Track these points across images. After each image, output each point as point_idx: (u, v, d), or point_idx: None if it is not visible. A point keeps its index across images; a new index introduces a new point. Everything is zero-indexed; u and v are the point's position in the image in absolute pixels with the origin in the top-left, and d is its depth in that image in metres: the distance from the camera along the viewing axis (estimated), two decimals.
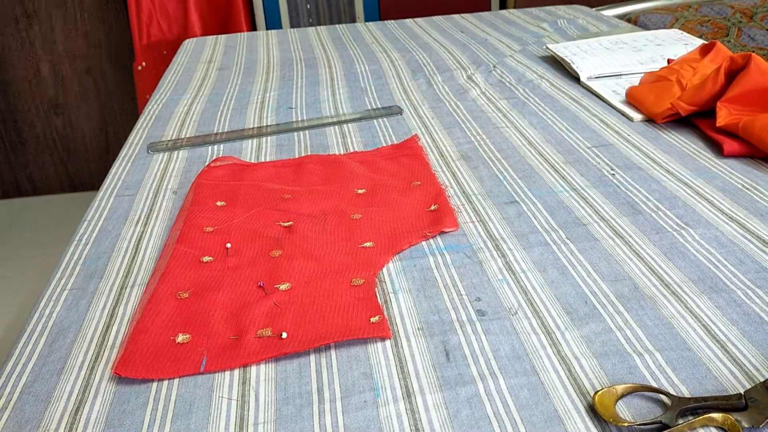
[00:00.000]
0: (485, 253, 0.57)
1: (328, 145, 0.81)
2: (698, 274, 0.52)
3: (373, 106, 0.93)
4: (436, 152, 0.78)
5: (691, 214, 0.61)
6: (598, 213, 0.62)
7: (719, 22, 1.63)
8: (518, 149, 0.77)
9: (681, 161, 0.71)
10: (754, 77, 0.73)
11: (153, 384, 0.45)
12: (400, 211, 0.64)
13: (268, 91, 1.03)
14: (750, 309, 0.48)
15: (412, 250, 0.58)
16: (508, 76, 1.03)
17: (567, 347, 0.46)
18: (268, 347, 0.47)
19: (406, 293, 0.52)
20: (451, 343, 0.47)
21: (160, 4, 2.31)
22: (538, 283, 0.53)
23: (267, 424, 0.41)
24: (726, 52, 0.88)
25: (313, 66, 1.15)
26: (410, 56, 1.17)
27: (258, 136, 0.85)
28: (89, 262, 0.60)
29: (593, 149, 0.75)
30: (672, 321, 0.47)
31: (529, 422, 0.40)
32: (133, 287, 0.55)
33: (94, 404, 0.43)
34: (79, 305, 0.54)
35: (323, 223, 0.62)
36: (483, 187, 0.68)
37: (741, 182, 0.65)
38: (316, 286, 0.53)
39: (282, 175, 0.73)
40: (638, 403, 0.41)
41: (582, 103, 0.89)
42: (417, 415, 0.41)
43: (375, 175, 0.71)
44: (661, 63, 0.98)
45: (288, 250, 0.58)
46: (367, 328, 0.48)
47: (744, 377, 0.42)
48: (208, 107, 0.97)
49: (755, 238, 0.56)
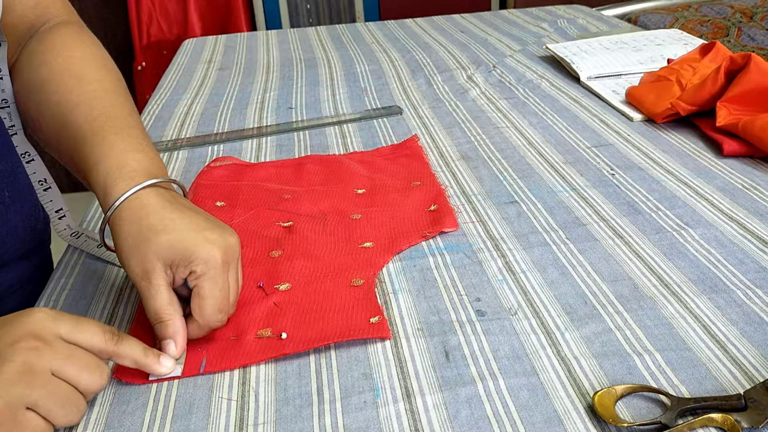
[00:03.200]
0: (485, 254, 0.57)
1: (327, 145, 0.81)
2: (698, 274, 0.52)
3: (373, 106, 0.93)
4: (435, 152, 0.78)
5: (691, 214, 0.61)
6: (598, 213, 0.62)
7: (719, 22, 1.63)
8: (518, 149, 0.77)
9: (681, 161, 0.71)
10: (754, 77, 0.73)
11: (153, 385, 0.45)
12: (400, 212, 0.63)
13: (268, 91, 1.03)
14: (750, 309, 0.48)
15: (411, 250, 0.58)
16: (508, 76, 1.03)
17: (567, 347, 0.46)
18: (268, 348, 0.47)
19: (406, 293, 0.52)
20: (451, 344, 0.47)
21: (160, 4, 2.31)
22: (537, 284, 0.53)
23: (267, 425, 0.41)
24: (726, 52, 0.88)
25: (313, 66, 1.15)
26: (410, 56, 1.17)
27: (258, 136, 0.85)
28: (89, 262, 0.60)
29: (593, 149, 0.75)
30: (672, 321, 0.47)
31: (529, 423, 0.40)
32: (133, 288, 0.55)
33: (94, 405, 0.43)
34: (79, 305, 0.54)
35: (323, 223, 0.62)
36: (483, 187, 0.68)
37: (741, 182, 0.65)
38: (315, 286, 0.53)
39: (282, 175, 0.73)
40: (638, 403, 0.41)
41: (582, 103, 0.89)
42: (417, 416, 0.41)
43: (375, 175, 0.71)
44: (661, 63, 0.98)
45: (288, 251, 0.58)
46: (366, 328, 0.48)
47: (744, 377, 0.42)
48: (208, 107, 0.97)
49: (755, 238, 0.56)
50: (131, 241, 0.46)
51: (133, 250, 0.46)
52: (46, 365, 0.39)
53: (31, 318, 0.40)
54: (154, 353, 0.44)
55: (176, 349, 0.45)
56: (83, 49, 0.57)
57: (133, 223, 0.46)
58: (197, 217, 0.48)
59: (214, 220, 0.49)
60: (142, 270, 0.45)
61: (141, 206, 0.46)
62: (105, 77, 0.55)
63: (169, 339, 0.45)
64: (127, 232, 0.46)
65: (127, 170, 0.48)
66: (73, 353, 0.40)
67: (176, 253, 0.45)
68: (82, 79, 0.54)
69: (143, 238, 0.45)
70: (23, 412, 0.38)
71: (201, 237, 0.46)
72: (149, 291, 0.45)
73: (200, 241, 0.45)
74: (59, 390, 0.39)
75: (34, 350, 0.39)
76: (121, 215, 0.46)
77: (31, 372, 0.38)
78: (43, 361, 0.39)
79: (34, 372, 0.38)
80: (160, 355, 0.44)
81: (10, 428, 0.37)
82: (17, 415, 0.37)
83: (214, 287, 0.46)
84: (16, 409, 0.37)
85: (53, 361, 0.39)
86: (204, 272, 0.45)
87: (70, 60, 0.55)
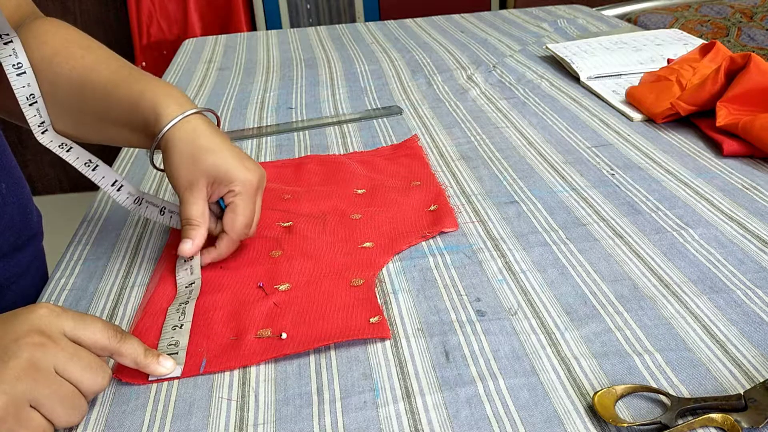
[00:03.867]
0: (485, 254, 0.57)
1: (327, 145, 0.81)
2: (698, 274, 0.52)
3: (373, 106, 0.93)
4: (435, 152, 0.78)
5: (691, 214, 0.61)
6: (598, 213, 0.62)
7: (719, 22, 1.63)
8: (518, 149, 0.77)
9: (681, 161, 0.71)
10: (754, 77, 0.73)
11: (153, 385, 0.45)
12: (399, 212, 0.63)
13: (268, 91, 1.03)
14: (750, 309, 0.48)
15: (411, 250, 0.58)
16: (508, 76, 1.03)
17: (567, 347, 0.46)
18: (268, 348, 0.47)
19: (406, 293, 0.52)
20: (451, 344, 0.47)
21: (160, 4, 2.31)
22: (537, 284, 0.53)
23: (267, 425, 0.41)
24: (726, 52, 0.88)
25: (313, 66, 1.15)
26: (410, 56, 1.17)
27: (258, 136, 0.85)
28: (89, 262, 0.60)
29: (593, 149, 0.75)
30: (672, 321, 0.47)
31: (529, 423, 0.40)
32: (133, 287, 0.55)
33: (94, 404, 0.43)
34: (79, 305, 0.54)
35: (323, 223, 0.62)
36: (483, 187, 0.68)
37: (741, 182, 0.65)
38: (315, 286, 0.53)
39: (282, 175, 0.72)
40: (638, 403, 0.41)
41: (582, 103, 0.89)
42: (417, 416, 0.41)
43: (375, 175, 0.71)
44: (661, 63, 0.98)
45: (288, 251, 0.58)
46: (366, 328, 0.48)
47: (744, 377, 0.42)
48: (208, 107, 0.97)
49: (755, 238, 0.56)
50: (184, 158, 0.53)
51: (184, 164, 0.53)
52: (50, 362, 0.39)
53: (34, 314, 0.40)
54: (154, 354, 0.44)
55: (191, 247, 0.53)
56: (75, 30, 0.61)
57: (187, 142, 0.53)
58: (237, 147, 0.56)
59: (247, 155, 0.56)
60: (188, 181, 0.53)
61: (193, 129, 0.54)
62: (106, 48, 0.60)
63: (190, 239, 0.53)
64: (180, 149, 0.53)
65: (173, 97, 0.55)
66: (77, 352, 0.40)
67: (221, 173, 0.53)
68: (88, 48, 0.59)
69: (195, 156, 0.53)
70: (27, 409, 0.38)
71: (241, 164, 0.54)
72: (190, 199, 0.53)
73: (241, 167, 0.54)
74: (62, 389, 0.39)
75: (39, 347, 0.39)
76: (175, 135, 0.53)
77: (36, 369, 0.38)
78: (48, 358, 0.39)
79: (39, 369, 0.38)
80: (159, 356, 0.44)
81: (12, 425, 0.37)
82: (21, 413, 0.37)
83: (247, 206, 0.54)
84: (20, 405, 0.37)
85: (58, 358, 0.39)
86: (240, 192, 0.54)
87: (69, 37, 0.59)
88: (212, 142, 0.54)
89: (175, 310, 0.50)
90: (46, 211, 0.78)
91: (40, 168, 2.51)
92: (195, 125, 0.54)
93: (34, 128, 0.56)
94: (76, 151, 0.57)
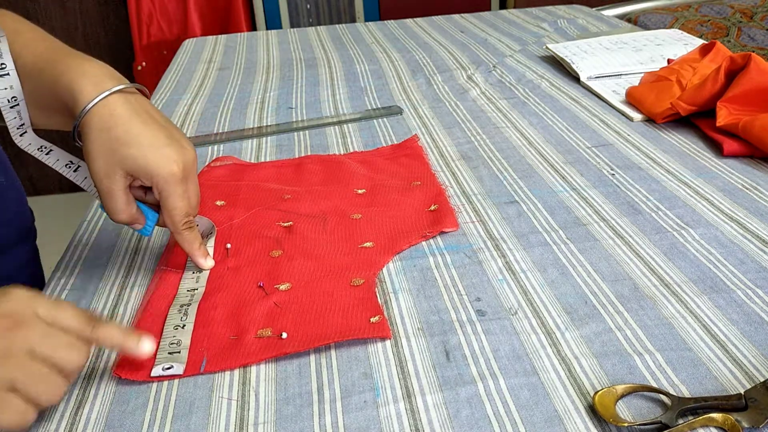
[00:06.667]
0: (485, 253, 0.57)
1: (328, 145, 0.81)
2: (698, 274, 0.52)
3: (373, 106, 0.93)
4: (436, 152, 0.78)
5: (691, 214, 0.61)
6: (598, 213, 0.62)
7: (719, 22, 1.63)
8: (518, 149, 0.77)
9: (681, 161, 0.71)
10: (754, 77, 0.73)
11: (153, 384, 0.45)
12: (400, 211, 0.63)
13: (268, 91, 1.03)
14: (750, 309, 0.48)
15: (412, 250, 0.58)
16: (508, 76, 1.03)
17: (567, 347, 0.46)
18: (268, 347, 0.47)
19: (406, 293, 0.52)
20: (451, 343, 0.47)
21: (160, 4, 2.31)
22: (538, 283, 0.53)
23: (267, 425, 0.41)
24: (726, 52, 0.88)
25: (313, 66, 1.15)
26: (410, 56, 1.17)
27: (258, 136, 0.85)
28: (89, 262, 0.60)
29: (593, 149, 0.75)
30: (672, 321, 0.47)
31: (529, 422, 0.40)
32: (133, 287, 0.55)
33: (94, 404, 0.43)
34: (80, 305, 0.54)
35: (323, 223, 0.62)
36: (483, 187, 0.68)
37: (741, 182, 0.65)
38: (316, 286, 0.53)
39: (282, 175, 0.72)
40: (638, 403, 0.41)
41: (582, 103, 0.89)
42: (417, 415, 0.41)
43: (375, 175, 0.71)
44: (661, 63, 0.98)
45: (288, 251, 0.58)
46: (367, 328, 0.48)
47: (744, 377, 0.42)
48: (208, 107, 0.97)
49: (755, 238, 0.56)
50: (98, 147, 0.49)
51: (100, 155, 0.49)
52: (22, 345, 0.39)
53: (7, 296, 0.40)
54: (134, 334, 0.44)
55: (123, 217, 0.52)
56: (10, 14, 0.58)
57: (102, 131, 0.49)
58: (160, 130, 0.51)
59: (174, 133, 0.52)
60: (105, 173, 0.50)
61: (110, 115, 0.49)
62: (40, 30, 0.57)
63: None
64: (94, 138, 0.49)
65: (90, 76, 0.50)
66: (49, 331, 0.40)
67: (139, 168, 0.50)
68: (16, 32, 0.55)
69: (110, 147, 0.49)
70: (3, 393, 0.38)
71: (161, 154, 0.50)
72: (108, 192, 0.50)
73: (160, 160, 0.50)
74: (37, 370, 0.39)
75: (9, 330, 0.39)
76: (92, 121, 0.49)
77: (8, 353, 0.38)
78: (19, 340, 0.39)
79: (11, 352, 0.38)
80: (140, 337, 0.44)
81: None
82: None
83: (177, 199, 0.51)
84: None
85: (30, 339, 0.39)
86: (165, 188, 0.50)
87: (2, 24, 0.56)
88: (129, 132, 0.49)
89: (177, 311, 0.50)
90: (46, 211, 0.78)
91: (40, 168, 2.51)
92: (112, 109, 0.49)
93: (13, 131, 0.54)
94: (56, 153, 0.56)
